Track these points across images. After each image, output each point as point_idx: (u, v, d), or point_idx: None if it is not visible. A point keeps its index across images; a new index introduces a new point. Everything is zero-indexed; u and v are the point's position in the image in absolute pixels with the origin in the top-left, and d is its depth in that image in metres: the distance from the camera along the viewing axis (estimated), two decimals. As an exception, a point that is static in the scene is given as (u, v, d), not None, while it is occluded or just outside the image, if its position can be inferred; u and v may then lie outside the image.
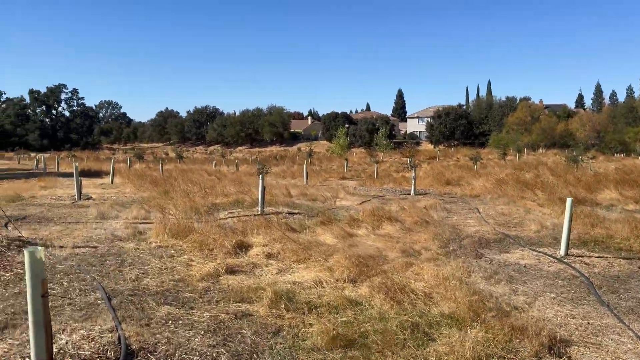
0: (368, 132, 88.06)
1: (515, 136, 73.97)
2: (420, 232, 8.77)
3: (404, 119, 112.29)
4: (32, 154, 59.24)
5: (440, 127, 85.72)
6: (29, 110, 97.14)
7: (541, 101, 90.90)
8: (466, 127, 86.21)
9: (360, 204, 12.80)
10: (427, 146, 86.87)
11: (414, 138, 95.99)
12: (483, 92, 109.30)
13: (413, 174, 15.23)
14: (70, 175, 23.89)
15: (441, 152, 53.71)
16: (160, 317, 4.56)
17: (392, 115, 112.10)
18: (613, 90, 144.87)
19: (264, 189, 10.38)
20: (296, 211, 11.03)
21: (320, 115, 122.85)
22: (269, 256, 6.95)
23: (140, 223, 9.31)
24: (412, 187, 15.09)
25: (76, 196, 12.35)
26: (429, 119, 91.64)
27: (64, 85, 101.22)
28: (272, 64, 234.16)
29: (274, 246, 7.29)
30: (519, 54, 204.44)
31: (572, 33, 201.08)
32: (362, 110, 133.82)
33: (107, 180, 19.85)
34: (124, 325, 4.25)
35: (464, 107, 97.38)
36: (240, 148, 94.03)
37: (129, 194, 14.46)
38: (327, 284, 5.65)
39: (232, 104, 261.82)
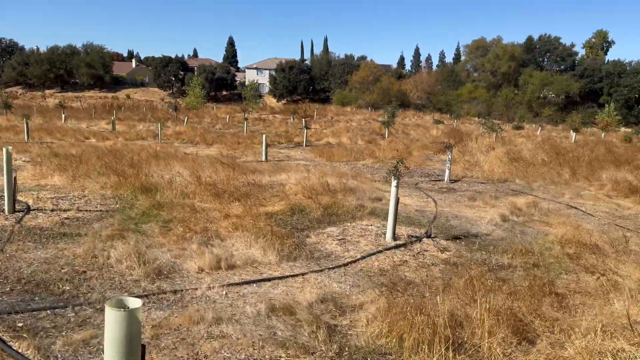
0: (208, 82, 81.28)
1: (358, 94, 76.02)
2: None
3: (237, 69, 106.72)
4: None
5: (284, 81, 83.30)
6: None
7: (372, 61, 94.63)
8: (308, 83, 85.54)
9: (477, 209, 9.61)
10: (270, 100, 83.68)
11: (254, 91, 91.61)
12: (318, 49, 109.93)
13: (448, 155, 12.13)
14: None
15: (331, 112, 51.09)
16: None
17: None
18: (429, 55, 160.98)
19: (397, 202, 6.54)
20: (440, 236, 7.34)
21: (142, 57, 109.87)
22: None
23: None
24: (447, 171, 12.20)
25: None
26: (270, 72, 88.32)
27: None
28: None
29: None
30: (354, 13, 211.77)
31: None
32: (189, 56, 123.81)
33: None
34: None
35: (306, 61, 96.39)
36: (49, 91, 78.26)
37: (68, 190, 8.60)
38: None
39: (33, 38, 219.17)
